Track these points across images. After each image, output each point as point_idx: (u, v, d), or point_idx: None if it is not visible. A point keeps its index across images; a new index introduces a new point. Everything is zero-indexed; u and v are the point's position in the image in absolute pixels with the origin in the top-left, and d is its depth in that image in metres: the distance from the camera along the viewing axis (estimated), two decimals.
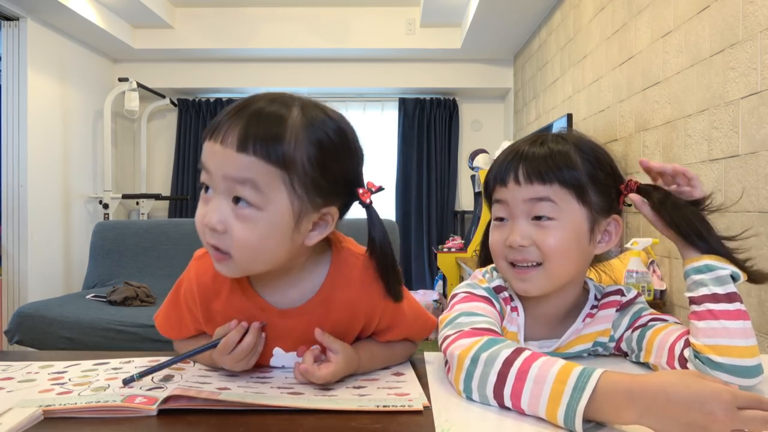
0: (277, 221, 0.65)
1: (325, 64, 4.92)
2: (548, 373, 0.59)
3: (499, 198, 0.78)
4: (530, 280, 0.76)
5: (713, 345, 0.68)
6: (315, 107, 0.69)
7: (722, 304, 0.70)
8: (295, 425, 0.59)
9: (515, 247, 0.75)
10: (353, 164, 0.71)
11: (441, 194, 5.21)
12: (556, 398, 0.57)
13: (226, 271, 0.69)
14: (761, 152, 1.61)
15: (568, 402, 0.56)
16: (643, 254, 2.11)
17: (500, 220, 0.79)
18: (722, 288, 0.70)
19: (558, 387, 0.58)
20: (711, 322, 0.69)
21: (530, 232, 0.75)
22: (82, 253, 4.10)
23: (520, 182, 0.75)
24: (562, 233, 0.74)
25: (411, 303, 0.82)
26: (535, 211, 0.75)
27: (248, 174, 0.64)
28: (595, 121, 2.90)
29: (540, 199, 0.74)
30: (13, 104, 3.77)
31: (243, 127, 0.64)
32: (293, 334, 0.76)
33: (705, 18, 1.89)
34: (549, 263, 0.75)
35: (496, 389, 0.62)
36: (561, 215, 0.74)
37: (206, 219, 0.66)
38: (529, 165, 0.75)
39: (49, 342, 2.47)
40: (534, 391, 0.59)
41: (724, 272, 0.71)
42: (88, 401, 0.62)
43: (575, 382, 0.57)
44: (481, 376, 0.64)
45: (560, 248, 0.74)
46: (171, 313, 0.82)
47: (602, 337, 0.82)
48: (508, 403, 0.62)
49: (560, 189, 0.74)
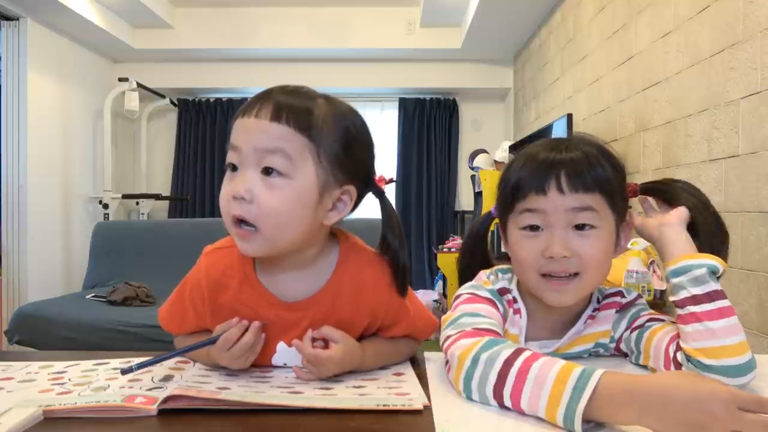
0: (303, 191, 0.69)
1: (325, 64, 4.92)
2: (548, 373, 0.59)
3: (533, 207, 0.74)
4: (568, 291, 0.74)
5: (701, 348, 0.68)
6: (337, 100, 0.75)
7: (703, 305, 0.69)
8: (295, 425, 0.59)
9: (557, 259, 0.72)
10: (370, 154, 0.77)
11: (441, 194, 5.21)
12: (555, 398, 0.57)
13: (251, 248, 0.70)
14: (761, 152, 1.61)
15: (568, 402, 0.56)
16: (643, 254, 2.11)
17: (533, 229, 0.75)
18: (700, 288, 0.70)
19: (558, 387, 0.58)
20: (695, 325, 0.69)
21: (571, 242, 0.72)
22: (82, 253, 4.10)
23: (564, 191, 0.72)
24: (601, 242, 0.74)
25: (414, 300, 0.83)
26: (578, 220, 0.72)
27: (280, 143, 0.68)
28: (595, 121, 2.90)
29: (584, 208, 0.72)
30: (13, 104, 3.77)
31: (277, 100, 0.69)
32: (299, 327, 0.76)
33: (705, 18, 1.89)
34: (586, 273, 0.74)
35: (496, 389, 0.62)
36: (601, 224, 0.73)
37: (234, 190, 0.68)
38: (572, 172, 0.72)
39: (49, 342, 2.47)
40: (534, 392, 0.59)
41: (700, 271, 0.70)
42: (88, 401, 0.62)
43: (575, 382, 0.57)
44: (481, 377, 0.64)
45: (600, 257, 0.74)
46: (174, 307, 0.83)
47: (603, 338, 0.82)
48: (507, 403, 0.62)
49: (600, 197, 0.73)
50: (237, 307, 0.76)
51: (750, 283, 1.64)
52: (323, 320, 0.76)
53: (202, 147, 5.22)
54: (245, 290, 0.76)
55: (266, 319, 0.75)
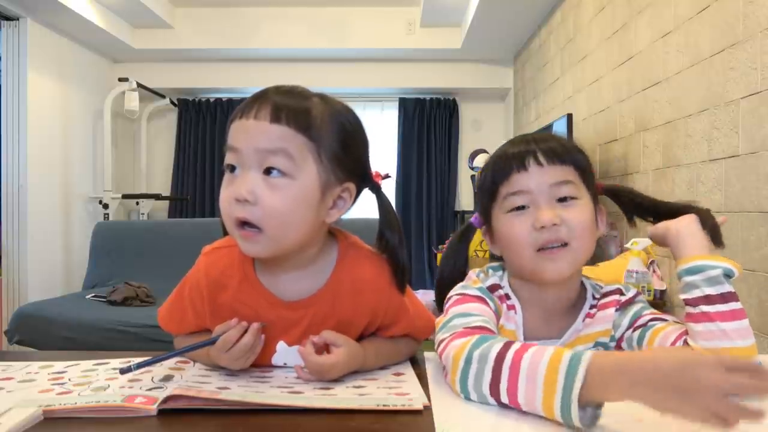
0: (306, 190, 0.69)
1: (325, 64, 4.92)
2: (540, 360, 0.59)
3: (517, 189, 0.76)
4: (563, 259, 0.76)
5: (712, 348, 0.68)
6: (331, 98, 0.75)
7: (717, 306, 0.69)
8: (295, 425, 0.59)
9: (548, 228, 0.74)
10: (366, 150, 0.78)
11: (441, 194, 5.21)
12: (550, 388, 0.57)
13: (256, 249, 0.70)
14: (761, 152, 1.61)
15: (563, 389, 0.56)
16: (643, 254, 2.11)
17: (520, 209, 0.77)
18: (715, 289, 0.70)
19: (551, 376, 0.58)
20: (707, 325, 0.69)
21: (558, 212, 0.75)
22: (82, 253, 4.10)
23: (543, 164, 0.75)
24: (585, 211, 0.77)
25: (413, 299, 0.83)
26: (560, 194, 0.76)
27: (281, 143, 0.68)
28: (595, 121, 2.90)
29: (564, 182, 0.76)
30: (13, 104, 3.77)
31: (275, 102, 0.69)
32: (299, 327, 0.76)
33: (705, 18, 1.89)
34: (576, 242, 0.75)
35: (492, 386, 0.62)
36: (582, 196, 0.77)
37: (236, 192, 0.68)
38: (547, 148, 0.76)
39: (49, 342, 2.47)
40: (529, 384, 0.59)
41: (716, 272, 0.70)
42: (88, 401, 0.62)
43: (567, 367, 0.57)
44: (476, 375, 0.64)
45: (586, 225, 0.76)
46: (174, 307, 0.83)
47: (603, 337, 0.82)
48: (505, 399, 0.62)
49: (575, 172, 0.77)
50: (236, 307, 0.76)
51: (750, 283, 1.64)
52: (323, 319, 0.76)
53: (202, 147, 5.22)
54: (245, 290, 0.76)
55: (266, 318, 0.75)
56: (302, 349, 0.72)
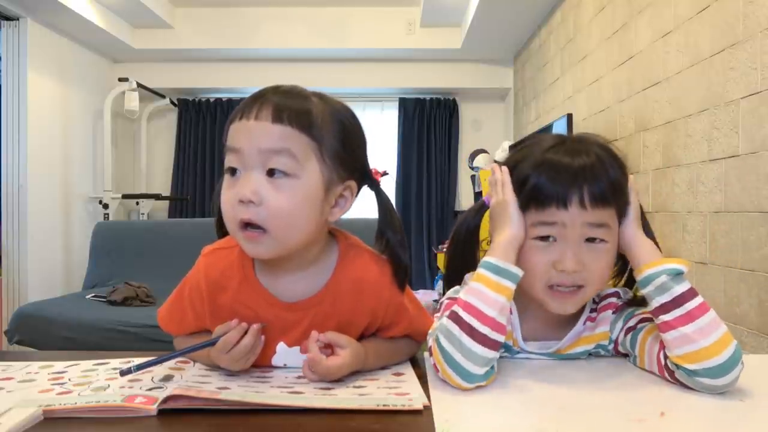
0: (310, 189, 0.69)
1: (325, 64, 4.92)
2: (477, 287, 0.71)
3: (550, 221, 0.72)
4: (572, 302, 0.75)
5: (683, 355, 0.67)
6: (329, 97, 0.76)
7: (673, 312, 0.69)
8: (295, 425, 0.59)
9: (568, 273, 0.72)
10: (364, 148, 0.78)
11: (441, 194, 5.21)
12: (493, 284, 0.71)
13: (260, 250, 0.70)
14: (761, 152, 1.61)
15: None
16: None
17: (544, 239, 0.74)
18: (667, 295, 0.69)
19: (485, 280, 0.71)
20: (672, 333, 0.69)
21: (583, 256, 0.72)
22: (82, 253, 4.10)
23: (587, 207, 0.71)
24: (609, 257, 0.74)
25: (413, 300, 0.83)
26: (592, 234, 0.72)
27: (284, 143, 0.68)
28: (595, 121, 2.90)
29: (600, 224, 0.72)
30: (13, 104, 3.77)
31: (275, 102, 0.69)
32: (299, 327, 0.76)
33: (705, 18, 1.89)
34: (591, 286, 0.74)
35: (464, 329, 0.69)
36: (611, 238, 0.74)
37: (239, 193, 0.67)
38: (595, 187, 0.71)
39: (49, 342, 2.47)
40: (480, 298, 0.70)
41: (661, 279, 0.70)
42: (88, 401, 0.62)
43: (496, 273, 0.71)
44: (449, 337, 0.69)
45: (605, 272, 0.75)
46: (174, 307, 0.83)
47: (603, 340, 0.82)
48: (484, 330, 0.68)
49: (614, 211, 0.74)
50: (236, 308, 0.75)
51: (750, 283, 1.64)
52: (323, 320, 0.76)
53: (202, 147, 5.22)
54: (245, 291, 0.76)
55: (266, 319, 0.75)
56: (311, 356, 0.70)
